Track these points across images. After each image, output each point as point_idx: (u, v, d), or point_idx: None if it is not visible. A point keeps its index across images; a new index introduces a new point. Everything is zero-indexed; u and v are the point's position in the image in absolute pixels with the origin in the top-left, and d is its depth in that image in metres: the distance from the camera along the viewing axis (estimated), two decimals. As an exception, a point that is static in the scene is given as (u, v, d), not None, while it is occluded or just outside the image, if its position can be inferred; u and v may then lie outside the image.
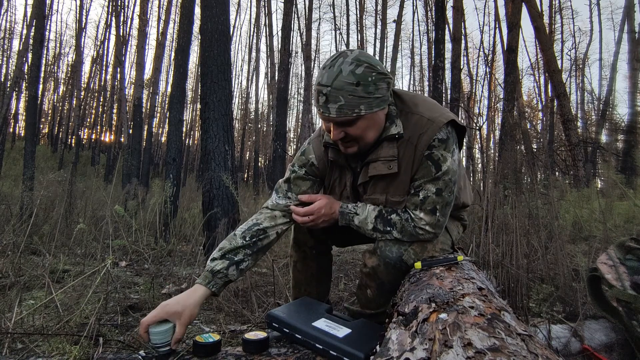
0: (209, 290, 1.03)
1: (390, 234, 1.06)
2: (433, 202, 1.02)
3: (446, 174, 1.01)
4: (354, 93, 0.91)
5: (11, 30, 16.47)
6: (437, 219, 1.03)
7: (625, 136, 7.80)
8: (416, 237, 1.05)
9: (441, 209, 1.03)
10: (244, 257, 1.11)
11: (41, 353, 1.14)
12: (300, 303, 1.18)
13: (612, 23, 17.55)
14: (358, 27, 16.25)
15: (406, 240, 1.06)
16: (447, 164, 1.01)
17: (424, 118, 1.01)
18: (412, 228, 1.04)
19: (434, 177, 1.01)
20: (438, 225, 1.05)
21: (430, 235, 1.06)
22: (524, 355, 0.46)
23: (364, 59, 0.93)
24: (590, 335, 1.22)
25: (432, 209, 1.02)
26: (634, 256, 1.26)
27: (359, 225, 1.10)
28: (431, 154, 1.01)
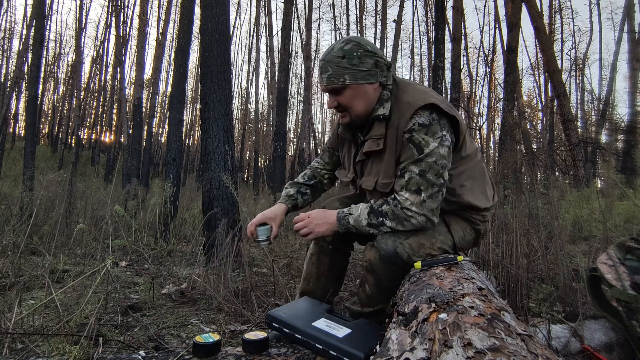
0: (286, 206, 1.37)
1: (384, 225, 1.08)
2: (417, 183, 1.05)
3: (429, 157, 1.05)
4: (339, 64, 1.07)
5: (11, 30, 16.48)
6: (422, 199, 1.05)
7: (625, 136, 7.80)
8: (407, 221, 1.06)
9: (426, 189, 1.05)
10: (305, 190, 1.44)
11: (41, 353, 1.14)
12: (300, 303, 1.18)
13: (612, 23, 17.54)
14: (358, 27, 16.25)
15: (400, 228, 1.07)
16: (429, 147, 1.05)
17: (405, 102, 1.10)
18: (399, 210, 1.06)
19: (416, 159, 1.06)
20: (425, 206, 1.05)
21: (420, 217, 1.05)
22: (524, 355, 0.46)
23: (354, 39, 1.09)
24: (590, 335, 1.22)
25: (416, 189, 1.05)
26: (634, 256, 1.26)
27: (354, 224, 1.12)
28: (412, 137, 1.06)
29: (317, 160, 1.50)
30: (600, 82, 16.12)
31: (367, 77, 1.09)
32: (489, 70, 14.77)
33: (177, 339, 1.43)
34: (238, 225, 2.68)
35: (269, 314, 1.07)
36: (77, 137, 14.80)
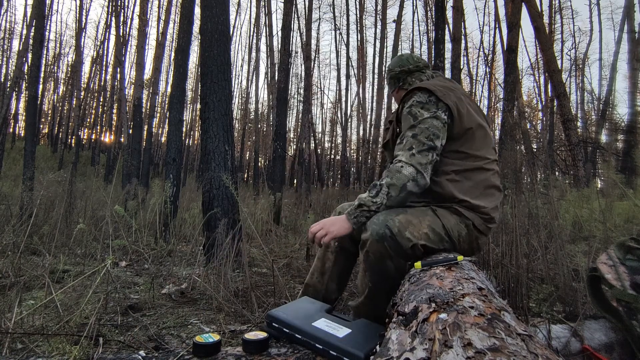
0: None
1: (382, 185, 1.17)
2: (409, 142, 1.21)
3: (422, 123, 1.21)
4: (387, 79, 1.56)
5: (11, 30, 16.48)
6: (411, 153, 1.19)
7: (625, 136, 7.79)
8: (399, 172, 1.16)
9: (417, 147, 1.19)
10: None
11: (41, 353, 1.14)
12: (301, 303, 1.18)
13: (612, 23, 17.54)
14: (358, 27, 16.26)
15: (394, 181, 1.15)
16: (423, 117, 1.22)
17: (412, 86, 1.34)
18: (393, 165, 1.20)
19: (410, 125, 1.23)
20: (414, 159, 1.17)
21: (409, 167, 1.16)
22: (524, 355, 0.46)
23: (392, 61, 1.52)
24: (590, 335, 1.22)
25: (409, 147, 1.20)
26: (634, 256, 1.26)
27: (359, 203, 1.18)
28: (410, 110, 1.25)
29: None
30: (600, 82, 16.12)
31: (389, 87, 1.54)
32: (489, 70, 14.78)
33: (177, 339, 1.43)
34: (238, 225, 2.68)
35: (269, 313, 1.07)
36: (77, 137, 14.79)
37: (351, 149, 22.11)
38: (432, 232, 1.15)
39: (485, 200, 1.26)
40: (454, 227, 1.20)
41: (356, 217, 1.18)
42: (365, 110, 16.57)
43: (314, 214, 4.49)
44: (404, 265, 1.13)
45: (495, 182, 1.30)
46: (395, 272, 1.12)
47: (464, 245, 1.23)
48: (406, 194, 1.17)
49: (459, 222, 1.23)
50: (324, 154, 23.17)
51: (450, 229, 1.19)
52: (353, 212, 1.19)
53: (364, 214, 1.17)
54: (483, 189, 1.26)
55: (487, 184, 1.27)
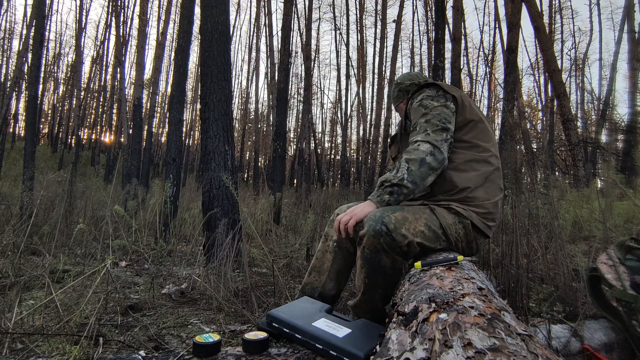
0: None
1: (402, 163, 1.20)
2: (423, 126, 1.28)
3: (433, 110, 1.28)
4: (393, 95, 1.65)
5: (11, 30, 16.48)
6: (427, 133, 1.25)
7: (625, 136, 7.79)
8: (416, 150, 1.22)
9: (431, 128, 1.25)
10: None
11: (41, 353, 1.14)
12: (300, 303, 1.18)
13: (612, 23, 17.52)
14: (358, 27, 16.25)
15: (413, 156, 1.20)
16: (434, 106, 1.29)
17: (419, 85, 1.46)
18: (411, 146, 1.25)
19: (423, 113, 1.30)
20: (430, 137, 1.23)
21: (425, 144, 1.22)
22: (524, 355, 0.46)
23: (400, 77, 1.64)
24: (590, 335, 1.22)
25: (423, 130, 1.27)
26: (634, 256, 1.26)
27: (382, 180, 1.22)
28: (421, 102, 1.33)
29: None
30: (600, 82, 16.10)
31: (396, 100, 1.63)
32: (489, 70, 14.78)
33: (177, 339, 1.43)
34: (238, 225, 2.68)
35: (269, 313, 1.07)
36: (77, 137, 14.78)
37: (351, 149, 22.11)
38: (428, 229, 1.15)
39: (485, 193, 1.28)
40: (451, 226, 1.20)
41: (380, 196, 1.20)
42: (365, 110, 16.57)
43: (314, 214, 4.49)
44: (399, 261, 1.13)
45: (497, 179, 1.32)
46: (390, 269, 1.12)
47: (462, 245, 1.23)
48: (426, 168, 1.19)
49: (456, 221, 1.23)
50: (324, 154, 23.16)
51: (447, 227, 1.19)
52: (376, 192, 1.22)
53: (386, 190, 1.20)
54: (484, 180, 1.29)
55: (490, 178, 1.30)
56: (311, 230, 3.70)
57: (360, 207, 1.23)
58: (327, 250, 1.46)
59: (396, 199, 1.20)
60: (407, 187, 1.19)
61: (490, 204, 1.28)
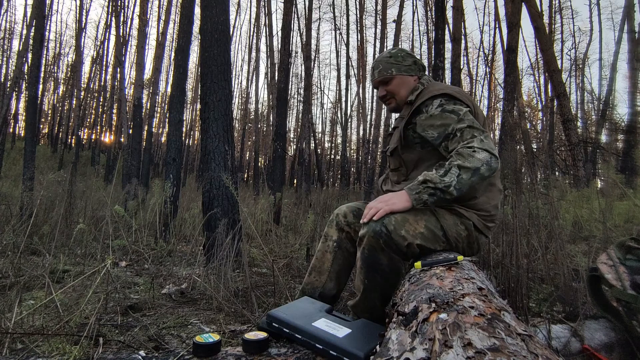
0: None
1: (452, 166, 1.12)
2: (469, 132, 1.17)
3: (467, 115, 1.21)
4: (387, 61, 1.40)
5: (11, 30, 16.47)
6: (480, 139, 1.15)
7: (625, 136, 7.79)
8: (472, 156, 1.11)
9: (479, 134, 1.16)
10: None
11: (41, 353, 1.14)
12: (301, 303, 1.18)
13: (612, 23, 17.53)
14: (358, 27, 16.25)
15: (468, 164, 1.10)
16: (463, 111, 1.22)
17: (427, 90, 1.33)
18: (463, 149, 1.14)
19: (458, 119, 1.20)
20: (484, 144, 1.14)
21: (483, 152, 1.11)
22: (524, 355, 0.46)
23: (398, 48, 1.44)
24: (590, 335, 1.22)
25: (470, 136, 1.17)
26: (634, 256, 1.27)
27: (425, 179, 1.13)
28: (444, 108, 1.24)
29: None
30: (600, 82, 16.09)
31: (409, 70, 1.40)
32: (489, 70, 14.78)
33: (177, 339, 1.43)
34: (238, 225, 2.68)
35: (269, 313, 1.07)
36: (77, 137, 14.79)
37: (351, 149, 22.10)
38: (428, 231, 1.15)
39: (487, 197, 1.28)
40: (452, 227, 1.20)
41: (418, 193, 1.13)
42: (365, 110, 16.56)
43: (314, 214, 4.49)
44: (398, 261, 1.14)
45: (497, 182, 1.33)
46: (389, 269, 1.12)
47: (462, 246, 1.23)
48: (477, 178, 1.12)
49: (458, 222, 1.23)
50: (324, 154, 23.17)
51: (447, 228, 1.19)
52: (415, 187, 1.14)
53: (428, 190, 1.12)
54: (487, 185, 1.29)
55: (490, 182, 1.30)
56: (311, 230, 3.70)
57: (396, 198, 1.15)
58: (327, 250, 1.45)
59: (435, 202, 1.13)
60: (450, 195, 1.12)
61: (492, 207, 1.29)
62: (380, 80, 1.40)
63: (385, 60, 1.39)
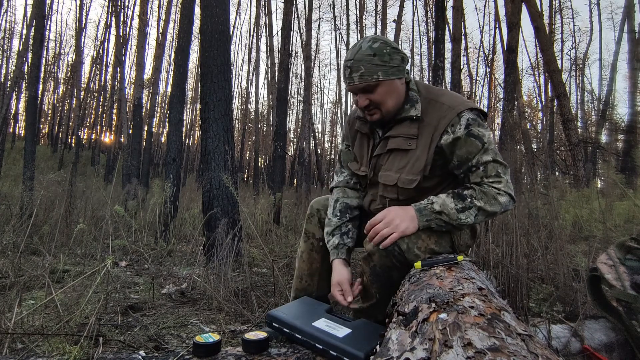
0: (341, 259, 1.23)
1: (473, 206, 1.06)
2: (494, 167, 1.10)
3: (490, 144, 1.11)
4: (371, 62, 1.07)
5: (11, 30, 16.48)
6: (505, 180, 1.09)
7: (625, 136, 7.79)
8: (495, 199, 1.07)
9: (504, 172, 1.10)
10: (348, 228, 1.28)
11: (41, 353, 1.14)
12: (300, 303, 1.18)
13: (612, 23, 17.54)
14: (358, 27, 16.24)
15: (489, 208, 1.06)
16: (486, 137, 1.11)
17: (445, 105, 1.13)
18: (488, 189, 1.08)
19: (483, 148, 1.10)
20: (509, 186, 1.09)
21: (505, 196, 1.08)
22: (524, 355, 0.46)
23: (379, 38, 1.12)
24: (590, 335, 1.22)
25: (496, 173, 1.09)
26: (634, 256, 1.27)
27: (441, 209, 1.06)
28: (470, 131, 1.09)
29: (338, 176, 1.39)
30: (600, 82, 16.11)
31: (397, 72, 1.12)
32: (489, 70, 14.78)
33: (177, 339, 1.43)
34: (238, 225, 2.68)
35: (269, 313, 1.07)
36: (77, 137, 14.79)
37: (351, 149, 22.03)
38: (439, 245, 1.12)
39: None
40: (460, 236, 1.20)
41: (429, 221, 1.06)
42: (365, 110, 16.54)
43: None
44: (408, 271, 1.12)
45: None
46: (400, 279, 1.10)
47: (461, 244, 1.24)
48: (489, 217, 1.12)
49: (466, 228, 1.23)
50: (324, 154, 23.17)
51: (456, 239, 1.18)
52: (427, 214, 1.06)
53: (440, 222, 1.07)
54: None
55: None
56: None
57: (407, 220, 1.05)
58: (312, 250, 1.37)
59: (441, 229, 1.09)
60: (459, 229, 1.11)
61: None
62: (363, 87, 1.10)
63: (367, 60, 1.08)
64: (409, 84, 1.19)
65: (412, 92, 1.17)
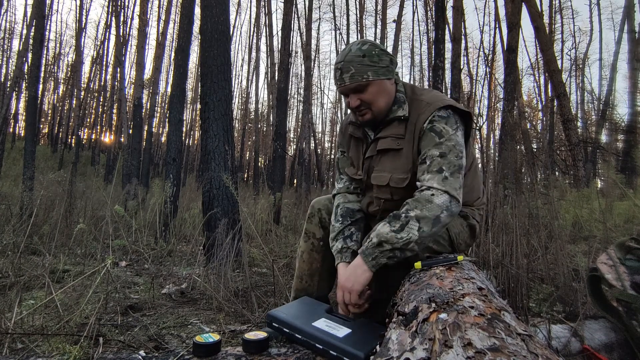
0: (345, 262, 1.19)
1: (409, 219, 1.01)
2: (438, 163, 1.07)
3: (449, 141, 1.08)
4: (361, 62, 1.10)
5: (11, 30, 16.48)
6: (444, 176, 1.05)
7: (625, 136, 7.79)
8: (430, 202, 1.02)
9: (448, 169, 1.06)
10: (351, 232, 1.25)
11: (41, 353, 1.14)
12: (300, 303, 1.18)
13: (612, 23, 17.52)
14: (358, 27, 16.23)
15: (426, 213, 1.00)
16: (449, 134, 1.09)
17: (424, 102, 1.15)
18: (421, 193, 1.05)
19: (436, 142, 1.08)
20: (447, 183, 1.04)
21: (443, 195, 1.02)
22: (524, 355, 0.46)
23: (368, 40, 1.15)
24: (590, 335, 1.22)
25: (438, 169, 1.06)
26: (634, 256, 1.27)
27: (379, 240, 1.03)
28: (433, 127, 1.10)
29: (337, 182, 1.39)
30: (600, 82, 16.11)
31: (387, 72, 1.14)
32: (489, 70, 14.76)
33: (177, 339, 1.43)
34: (238, 225, 2.68)
35: (269, 313, 1.07)
36: (77, 137, 14.78)
37: (351, 149, 22.03)
38: (438, 244, 1.15)
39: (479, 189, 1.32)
40: (459, 235, 1.22)
41: (375, 259, 1.03)
42: (365, 110, 16.54)
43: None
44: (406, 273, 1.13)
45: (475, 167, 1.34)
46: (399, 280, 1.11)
47: (460, 243, 1.25)
48: (440, 227, 1.03)
49: (464, 226, 1.25)
50: (324, 154, 23.17)
51: (455, 236, 1.20)
52: (371, 252, 1.03)
53: (386, 254, 1.02)
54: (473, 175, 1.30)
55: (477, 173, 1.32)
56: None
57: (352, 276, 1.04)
58: (312, 250, 1.37)
59: (395, 261, 1.03)
60: (412, 251, 1.03)
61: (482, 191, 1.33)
62: (354, 87, 1.12)
63: (358, 60, 1.10)
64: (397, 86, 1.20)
65: (400, 94, 1.19)
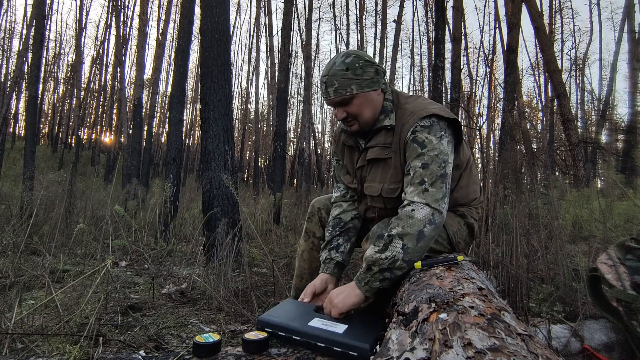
0: (329, 275, 1.23)
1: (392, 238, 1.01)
2: (420, 175, 1.05)
3: (431, 151, 1.07)
4: (344, 76, 1.10)
5: (11, 30, 16.49)
6: (424, 187, 1.03)
7: (625, 136, 7.80)
8: (411, 217, 1.00)
9: (430, 179, 1.04)
10: (338, 243, 1.29)
11: (41, 353, 1.14)
12: (287, 304, 1.17)
13: (612, 23, 17.55)
14: (358, 27, 16.23)
15: (408, 230, 0.99)
16: (432, 144, 1.07)
17: (408, 111, 1.15)
18: (403, 211, 1.03)
19: (419, 153, 1.08)
20: (428, 194, 1.02)
21: (424, 208, 1.01)
22: (524, 355, 0.46)
23: (352, 52, 1.14)
24: (590, 335, 1.22)
25: (419, 181, 1.05)
26: (634, 256, 1.27)
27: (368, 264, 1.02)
28: (415, 137, 1.09)
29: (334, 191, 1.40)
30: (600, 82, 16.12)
31: (371, 84, 1.13)
32: (489, 70, 14.76)
33: (177, 339, 1.43)
34: (238, 225, 2.68)
35: (259, 319, 1.06)
36: (77, 137, 14.80)
37: (351, 149, 22.04)
38: (436, 243, 1.15)
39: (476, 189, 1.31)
40: (457, 233, 1.22)
41: (368, 284, 1.02)
42: (365, 110, 16.53)
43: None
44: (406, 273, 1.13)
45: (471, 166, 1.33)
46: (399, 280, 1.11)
47: (459, 241, 1.25)
48: (425, 241, 1.01)
49: (462, 224, 1.25)
50: (324, 154, 23.17)
51: (453, 235, 1.20)
52: (362, 277, 1.03)
53: (377, 277, 1.00)
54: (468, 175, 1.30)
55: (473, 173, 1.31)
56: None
57: (343, 294, 1.03)
58: (313, 249, 1.39)
59: (389, 282, 1.02)
60: (401, 269, 1.00)
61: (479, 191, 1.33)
62: (339, 101, 1.12)
63: (341, 74, 1.10)
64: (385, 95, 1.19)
65: (387, 102, 1.19)
